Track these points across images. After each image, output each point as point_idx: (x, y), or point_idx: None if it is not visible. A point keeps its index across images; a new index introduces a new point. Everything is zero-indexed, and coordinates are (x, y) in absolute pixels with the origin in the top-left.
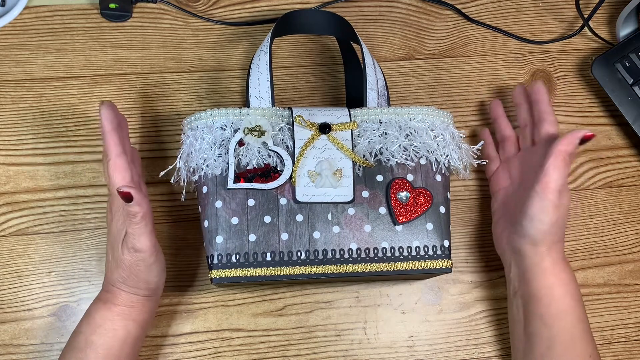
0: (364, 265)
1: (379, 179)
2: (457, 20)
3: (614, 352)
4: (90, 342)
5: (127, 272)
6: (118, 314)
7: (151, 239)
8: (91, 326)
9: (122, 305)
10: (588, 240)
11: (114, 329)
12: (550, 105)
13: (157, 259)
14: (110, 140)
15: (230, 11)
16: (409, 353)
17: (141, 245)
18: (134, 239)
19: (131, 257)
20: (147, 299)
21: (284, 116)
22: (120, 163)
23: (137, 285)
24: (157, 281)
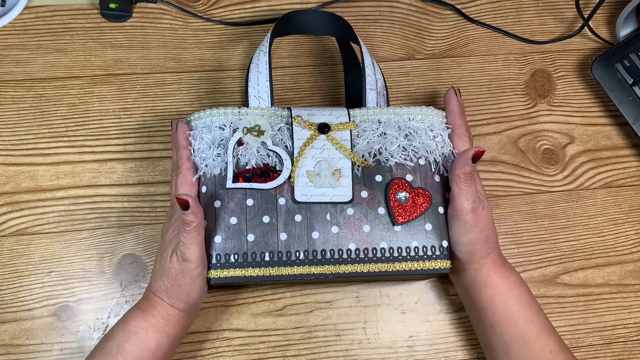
0: (363, 265)
1: (378, 179)
2: (457, 20)
3: (614, 352)
4: (122, 349)
5: (171, 282)
6: (153, 325)
7: (200, 250)
8: (125, 333)
9: (159, 316)
10: (588, 240)
11: (147, 339)
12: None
13: (202, 273)
14: (184, 154)
15: (230, 11)
16: (409, 353)
17: (190, 255)
18: (184, 247)
19: (179, 265)
20: (183, 315)
21: (283, 116)
22: (189, 176)
23: (179, 297)
24: (198, 296)
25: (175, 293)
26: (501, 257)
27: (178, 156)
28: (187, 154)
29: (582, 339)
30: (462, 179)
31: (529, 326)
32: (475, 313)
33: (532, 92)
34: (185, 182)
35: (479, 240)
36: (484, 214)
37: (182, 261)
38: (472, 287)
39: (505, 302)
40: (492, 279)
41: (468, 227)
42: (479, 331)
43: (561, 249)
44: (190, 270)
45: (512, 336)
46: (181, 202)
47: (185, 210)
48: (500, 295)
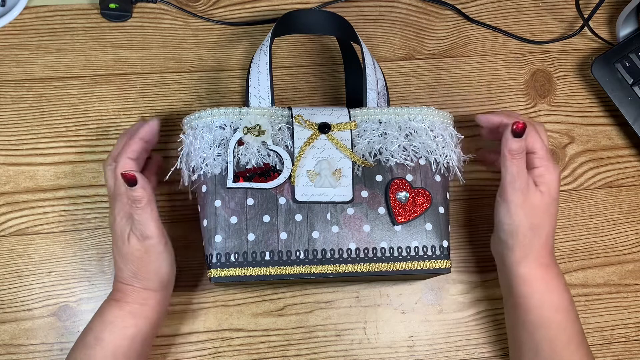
0: (363, 265)
1: (378, 179)
2: (457, 20)
3: (614, 352)
4: (100, 340)
5: (137, 264)
6: (129, 311)
7: (158, 225)
8: (102, 324)
9: (133, 302)
10: (588, 240)
11: (124, 326)
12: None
13: (166, 247)
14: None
15: (230, 11)
16: (409, 353)
17: (150, 232)
18: (142, 225)
19: (140, 245)
20: (158, 294)
21: (284, 116)
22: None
23: (148, 277)
24: (168, 272)
25: (144, 274)
26: (549, 256)
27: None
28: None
29: None
30: (507, 157)
31: (561, 334)
32: (511, 305)
33: (532, 92)
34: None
35: (523, 225)
36: (535, 200)
37: (143, 240)
38: (511, 278)
39: (541, 305)
40: (533, 277)
41: (512, 207)
42: (510, 323)
43: (561, 249)
44: (154, 246)
45: (542, 339)
46: (128, 177)
47: (133, 187)
48: (538, 296)
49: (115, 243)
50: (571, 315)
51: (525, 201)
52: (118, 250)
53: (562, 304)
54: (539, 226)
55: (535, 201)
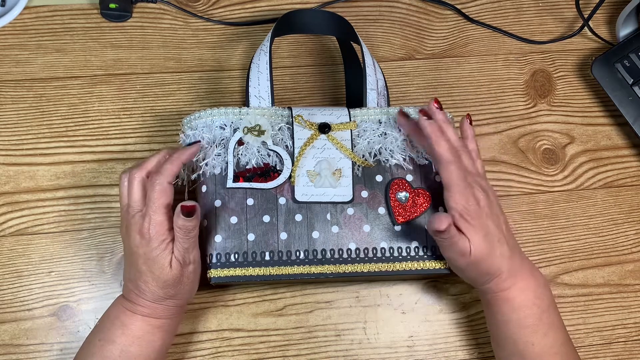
0: (363, 265)
1: (378, 179)
2: (457, 20)
3: (614, 352)
4: (127, 352)
5: (175, 288)
6: (158, 327)
7: (198, 250)
8: (129, 337)
9: (163, 318)
10: (588, 240)
11: (153, 340)
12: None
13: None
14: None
15: (230, 11)
16: (409, 353)
17: (193, 258)
18: (187, 252)
19: (183, 271)
20: (182, 309)
21: (284, 116)
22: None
23: (184, 296)
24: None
25: (181, 295)
26: (510, 278)
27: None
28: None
29: (582, 339)
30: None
31: (529, 348)
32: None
33: (532, 92)
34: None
35: (473, 277)
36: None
37: (186, 265)
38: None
39: (505, 323)
40: (493, 302)
41: (459, 269)
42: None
43: (561, 249)
44: (195, 271)
45: (513, 352)
46: (189, 209)
47: (190, 217)
48: (501, 316)
49: (150, 267)
50: (541, 327)
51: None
52: (154, 275)
53: (527, 320)
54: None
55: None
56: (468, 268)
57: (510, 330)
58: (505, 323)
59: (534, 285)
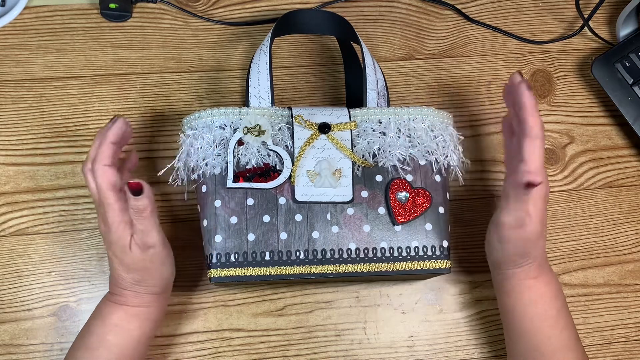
0: (363, 265)
1: (378, 179)
2: (457, 20)
3: (614, 352)
4: (105, 341)
5: (141, 273)
6: (134, 314)
7: (160, 231)
8: (106, 326)
9: (138, 306)
10: (588, 240)
11: (130, 329)
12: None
13: (168, 253)
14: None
15: (230, 11)
16: (409, 353)
17: (154, 240)
18: (146, 235)
19: (144, 255)
20: (161, 296)
21: (284, 116)
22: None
23: (153, 283)
24: (170, 275)
25: (149, 281)
26: (539, 267)
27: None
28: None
29: (582, 339)
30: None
31: (546, 342)
32: (501, 314)
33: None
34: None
35: (513, 254)
36: (527, 232)
37: (147, 249)
38: (498, 290)
39: (523, 315)
40: (518, 289)
41: (504, 240)
42: (504, 330)
43: (561, 249)
44: (158, 253)
45: (528, 348)
46: (134, 187)
47: (139, 196)
48: (522, 307)
49: (114, 252)
50: (560, 323)
51: (519, 236)
52: (118, 259)
53: (548, 312)
54: (529, 252)
55: (528, 234)
56: (514, 242)
57: (529, 323)
58: (524, 315)
59: (555, 281)
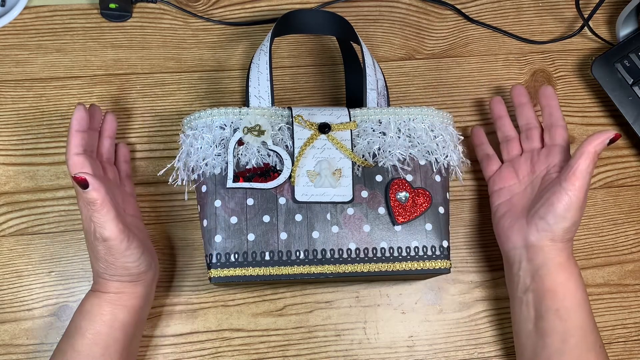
0: (363, 265)
1: (378, 179)
2: (457, 20)
3: (614, 352)
4: (79, 328)
5: (104, 263)
6: (106, 300)
7: (117, 224)
8: (81, 314)
9: (109, 292)
10: (588, 240)
11: (101, 313)
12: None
13: (130, 245)
14: (73, 140)
15: (230, 11)
16: (409, 353)
17: (108, 234)
18: (100, 227)
19: (102, 247)
20: (134, 284)
21: (284, 116)
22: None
23: (117, 272)
24: (137, 266)
25: (113, 270)
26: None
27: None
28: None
29: None
30: (592, 157)
31: (590, 317)
32: (539, 296)
33: (532, 92)
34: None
35: (578, 219)
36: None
37: (103, 241)
38: (549, 266)
39: (576, 289)
40: (569, 264)
41: (577, 204)
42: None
43: None
44: (115, 247)
45: (575, 323)
46: (79, 180)
47: (86, 189)
48: (575, 280)
49: (86, 239)
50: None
51: (584, 201)
52: (89, 249)
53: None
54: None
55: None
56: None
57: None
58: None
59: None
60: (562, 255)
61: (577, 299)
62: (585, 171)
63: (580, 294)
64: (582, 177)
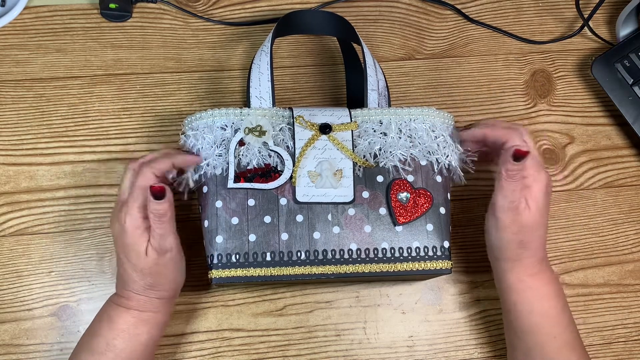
0: (364, 265)
1: (379, 180)
2: (457, 20)
3: (614, 352)
4: (113, 346)
5: (154, 277)
6: (142, 320)
7: (176, 236)
8: (113, 331)
9: (147, 311)
10: (588, 240)
11: (138, 334)
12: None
13: (182, 256)
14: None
15: (230, 11)
16: (409, 353)
17: (170, 245)
18: (163, 239)
19: (160, 259)
20: (169, 301)
21: (285, 116)
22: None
23: (165, 287)
24: (182, 280)
25: (162, 286)
26: (540, 264)
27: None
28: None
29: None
30: (503, 176)
31: (551, 340)
32: (503, 310)
33: (532, 92)
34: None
35: (511, 242)
36: (524, 218)
37: (163, 253)
38: (499, 286)
39: (528, 312)
40: (520, 286)
41: (500, 225)
42: (505, 327)
43: (561, 249)
44: (173, 257)
45: (533, 345)
46: (157, 190)
47: (160, 200)
48: (525, 304)
49: (127, 256)
50: (563, 320)
51: (514, 221)
52: (131, 263)
53: (551, 311)
54: (527, 242)
55: (524, 220)
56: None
57: (532, 320)
58: (529, 312)
59: (555, 281)
60: (511, 277)
61: (529, 322)
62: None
63: (533, 319)
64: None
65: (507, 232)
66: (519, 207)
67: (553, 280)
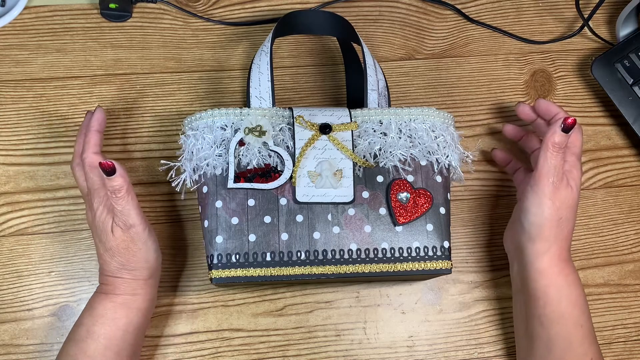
0: (364, 265)
1: (379, 180)
2: (457, 20)
3: (614, 352)
4: (92, 332)
5: (124, 256)
6: (120, 303)
7: (140, 212)
8: (93, 317)
9: (124, 294)
10: (588, 240)
11: (115, 318)
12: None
13: (151, 233)
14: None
15: (230, 11)
16: (409, 353)
17: (133, 220)
18: (124, 215)
19: (126, 236)
20: (147, 283)
21: (285, 116)
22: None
23: (137, 266)
24: (155, 258)
25: (133, 264)
26: (568, 253)
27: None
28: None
29: None
30: (550, 149)
31: (577, 330)
32: (524, 299)
33: (532, 92)
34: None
35: (552, 218)
36: (565, 194)
37: (127, 229)
38: (529, 270)
39: (559, 299)
40: (552, 270)
41: (543, 199)
42: (522, 317)
43: None
44: (139, 234)
45: (558, 334)
46: (107, 166)
47: (112, 176)
48: (556, 290)
49: (99, 238)
50: (587, 311)
51: (556, 194)
52: (102, 244)
53: (579, 300)
54: (565, 220)
55: (565, 196)
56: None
57: (562, 308)
58: (558, 300)
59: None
60: (544, 260)
61: (560, 309)
62: (545, 164)
63: (564, 305)
64: (545, 172)
65: (550, 206)
66: (562, 181)
67: (576, 271)
